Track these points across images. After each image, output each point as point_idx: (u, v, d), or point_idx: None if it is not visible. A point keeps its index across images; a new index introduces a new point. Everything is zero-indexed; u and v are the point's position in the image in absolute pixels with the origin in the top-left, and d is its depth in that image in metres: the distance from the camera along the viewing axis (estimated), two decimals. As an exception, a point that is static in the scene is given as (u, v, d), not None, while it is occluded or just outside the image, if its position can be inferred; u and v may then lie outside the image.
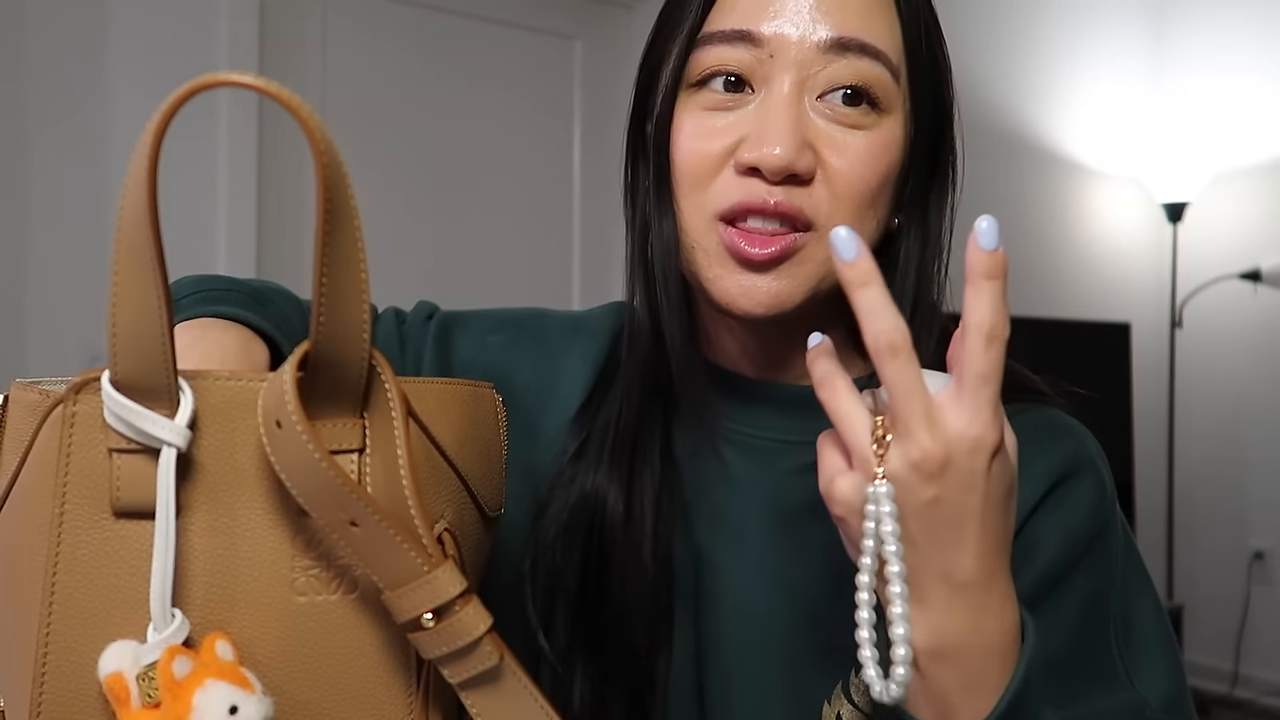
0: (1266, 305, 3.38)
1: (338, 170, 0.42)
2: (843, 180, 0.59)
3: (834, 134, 0.59)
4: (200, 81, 0.41)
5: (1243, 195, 3.46)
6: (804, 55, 0.58)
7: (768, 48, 0.59)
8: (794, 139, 0.57)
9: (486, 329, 0.77)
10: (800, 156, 0.57)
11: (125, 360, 0.42)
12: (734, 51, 0.59)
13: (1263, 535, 3.42)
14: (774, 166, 0.57)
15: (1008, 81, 3.29)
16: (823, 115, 0.59)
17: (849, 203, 0.59)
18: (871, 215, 0.60)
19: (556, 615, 0.66)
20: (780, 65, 0.58)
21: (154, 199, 0.41)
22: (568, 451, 0.68)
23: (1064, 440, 0.64)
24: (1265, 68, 3.39)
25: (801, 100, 0.59)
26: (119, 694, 0.41)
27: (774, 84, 0.59)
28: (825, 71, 0.58)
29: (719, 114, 0.60)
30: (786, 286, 0.59)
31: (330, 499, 0.42)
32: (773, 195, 0.58)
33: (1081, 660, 0.60)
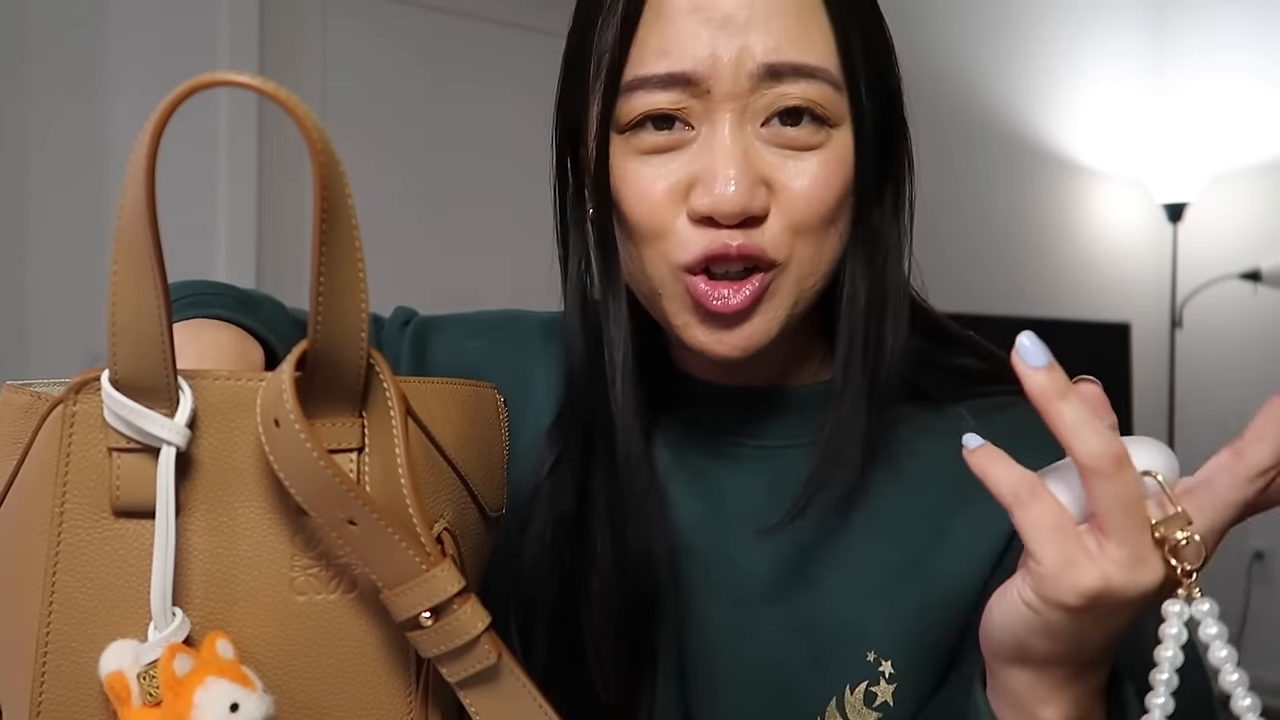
0: (1266, 305, 3.38)
1: (335, 169, 0.42)
2: (798, 211, 0.57)
3: (785, 162, 0.57)
4: (198, 81, 0.41)
5: (1243, 195, 3.45)
6: (739, 86, 0.55)
7: (703, 83, 0.56)
8: (745, 180, 0.55)
9: (464, 333, 0.76)
10: (754, 198, 0.55)
11: (125, 360, 0.42)
12: (666, 95, 0.56)
13: (1263, 535, 3.42)
14: (729, 211, 0.55)
15: (1008, 81, 3.29)
16: (770, 143, 0.57)
17: (808, 230, 0.57)
18: (833, 232, 0.59)
19: (536, 634, 0.65)
20: (717, 100, 0.56)
21: (152, 198, 0.41)
22: (545, 463, 0.67)
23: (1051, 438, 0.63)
24: (1265, 68, 3.39)
25: (744, 132, 0.56)
26: (120, 693, 0.41)
27: (715, 121, 0.56)
28: (765, 98, 0.56)
29: (660, 158, 0.57)
30: (760, 326, 0.58)
31: (329, 498, 0.42)
32: (734, 239, 0.56)
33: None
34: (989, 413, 0.64)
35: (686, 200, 0.57)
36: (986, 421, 0.62)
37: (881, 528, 0.62)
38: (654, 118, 0.57)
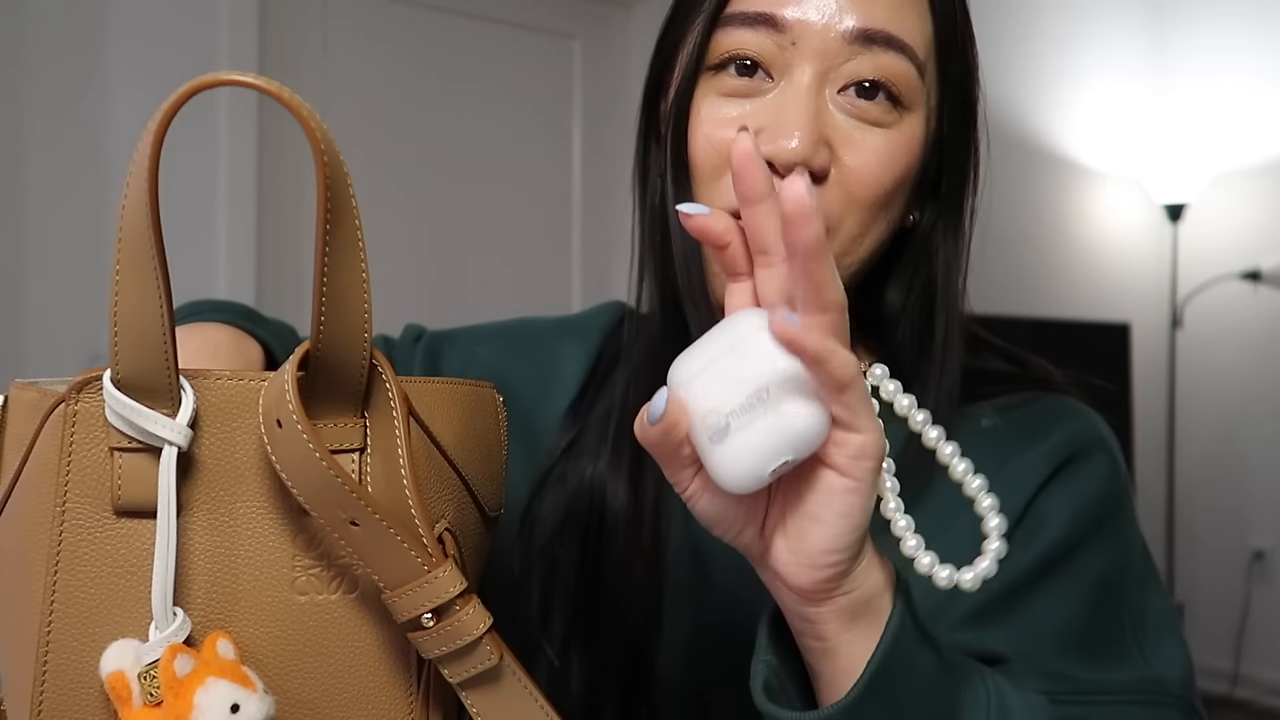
0: (1266, 305, 3.38)
1: (338, 169, 0.42)
2: (857, 181, 0.57)
3: (852, 131, 0.57)
4: (201, 81, 0.41)
5: (1243, 195, 3.46)
6: (827, 45, 0.56)
7: (790, 34, 0.56)
8: (811, 133, 0.55)
9: (474, 341, 0.77)
10: (816, 153, 0.55)
11: (126, 359, 0.42)
12: (755, 36, 0.57)
13: (1263, 535, 3.42)
14: (788, 161, 0.55)
15: (1008, 81, 3.29)
16: (842, 110, 0.57)
17: (862, 205, 0.57)
18: (883, 216, 0.59)
19: (553, 608, 0.66)
20: (802, 54, 0.56)
21: (155, 198, 0.41)
22: (559, 446, 0.68)
23: (1073, 421, 0.63)
24: (1265, 68, 3.39)
25: (822, 93, 0.56)
26: (121, 692, 0.41)
27: (795, 73, 0.56)
28: (849, 64, 0.56)
29: (737, 101, 0.58)
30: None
31: (331, 498, 0.42)
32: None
33: (1095, 635, 0.58)
34: (1010, 408, 0.64)
35: None
36: (1007, 415, 0.63)
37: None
38: (739, 61, 0.57)
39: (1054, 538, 0.59)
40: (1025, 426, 0.63)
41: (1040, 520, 0.60)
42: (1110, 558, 0.61)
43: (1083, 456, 0.61)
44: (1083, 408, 0.65)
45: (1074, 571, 0.59)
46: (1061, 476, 0.61)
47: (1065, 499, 0.60)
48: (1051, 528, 0.59)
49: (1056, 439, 0.62)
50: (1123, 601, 0.60)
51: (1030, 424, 0.63)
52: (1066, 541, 0.59)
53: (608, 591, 0.65)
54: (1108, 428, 0.65)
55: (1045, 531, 0.59)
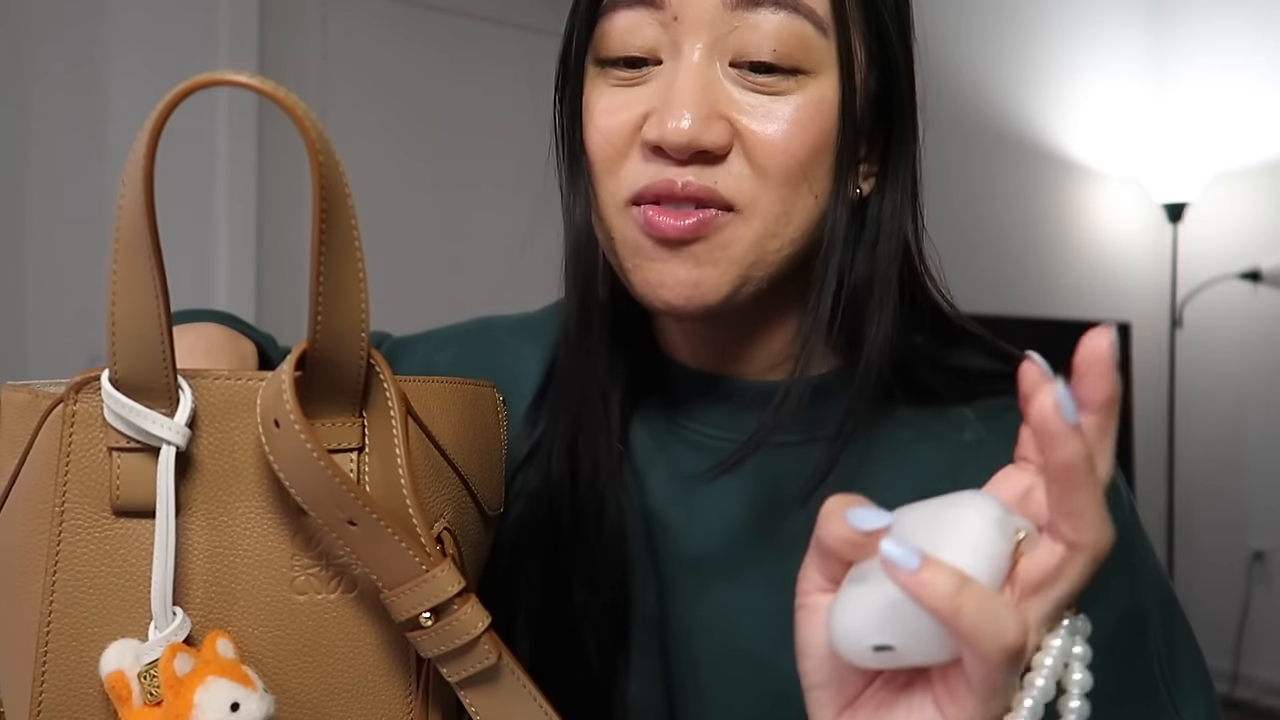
0: (1266, 305, 3.38)
1: (334, 169, 0.42)
2: (764, 153, 0.52)
3: (751, 101, 0.53)
4: (196, 81, 0.41)
5: (1243, 195, 3.45)
6: (709, 14, 0.52)
7: (670, 8, 0.52)
8: (699, 109, 0.51)
9: (432, 347, 0.74)
10: (707, 129, 0.51)
11: (125, 359, 0.42)
12: (636, 18, 0.53)
13: (1263, 535, 3.42)
14: (676, 143, 0.51)
15: (1008, 81, 3.29)
16: (738, 84, 0.53)
17: (775, 179, 0.53)
18: (806, 190, 0.54)
19: (518, 625, 0.63)
20: (686, 28, 0.52)
21: (151, 198, 0.41)
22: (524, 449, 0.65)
23: None
24: (1265, 68, 3.39)
25: (712, 66, 0.52)
26: (121, 692, 0.41)
27: (682, 50, 0.53)
28: (736, 33, 0.52)
29: (626, 89, 0.54)
30: (709, 275, 0.53)
31: (328, 498, 0.42)
32: (681, 176, 0.52)
33: (1122, 688, 0.53)
34: (996, 414, 0.60)
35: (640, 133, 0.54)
36: (993, 422, 0.59)
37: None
38: (627, 59, 0.54)
39: None
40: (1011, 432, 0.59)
41: None
42: (1129, 601, 0.55)
43: None
44: None
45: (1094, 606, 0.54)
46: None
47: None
48: None
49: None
50: (1148, 649, 0.55)
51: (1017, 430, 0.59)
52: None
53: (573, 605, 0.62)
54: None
55: None
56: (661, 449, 0.64)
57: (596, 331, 0.61)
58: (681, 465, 0.63)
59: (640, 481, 0.64)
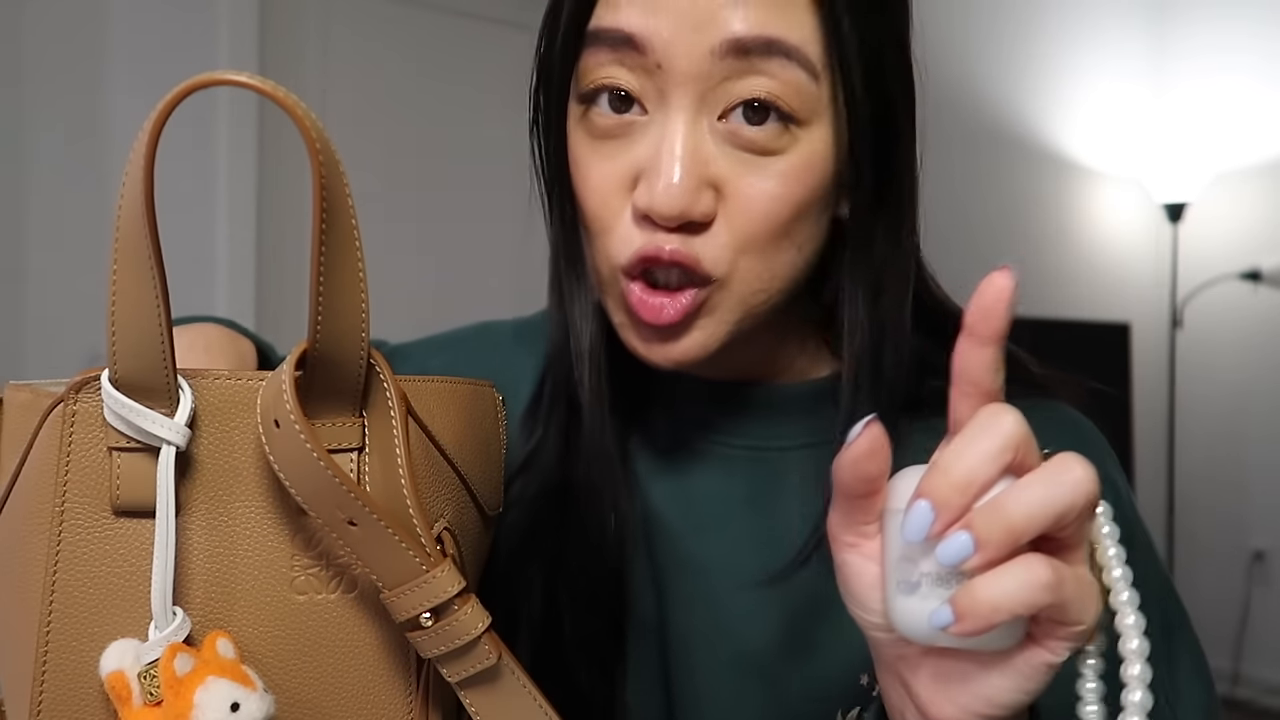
0: (1266, 305, 3.38)
1: (334, 169, 0.42)
2: (748, 223, 0.51)
3: (738, 168, 0.51)
4: (196, 81, 0.41)
5: (1243, 195, 3.46)
6: (697, 65, 0.49)
7: (653, 54, 0.49)
8: (689, 180, 0.49)
9: (427, 354, 0.74)
10: (696, 201, 0.50)
11: (125, 359, 0.42)
12: (619, 58, 0.51)
13: (1263, 535, 3.42)
14: (665, 215, 0.50)
15: (1008, 81, 3.29)
16: (727, 140, 0.50)
17: (755, 246, 0.52)
18: (789, 246, 0.53)
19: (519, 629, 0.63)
20: (671, 78, 0.50)
21: (150, 197, 0.41)
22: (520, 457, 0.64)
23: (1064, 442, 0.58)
24: (1265, 68, 3.39)
25: (700, 123, 0.50)
26: (120, 692, 0.41)
27: (669, 106, 0.50)
28: (726, 84, 0.49)
29: (612, 144, 0.53)
30: (698, 340, 0.53)
31: (328, 498, 0.42)
32: (669, 243, 0.51)
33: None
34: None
35: (632, 193, 0.52)
36: None
37: None
38: (611, 92, 0.52)
39: None
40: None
41: None
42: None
43: None
44: (1077, 420, 0.60)
45: None
46: None
47: None
48: None
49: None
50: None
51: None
52: None
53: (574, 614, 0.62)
54: (1104, 443, 0.59)
55: None
56: (661, 454, 0.64)
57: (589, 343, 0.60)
58: (682, 471, 0.63)
59: (639, 486, 0.64)
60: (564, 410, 0.62)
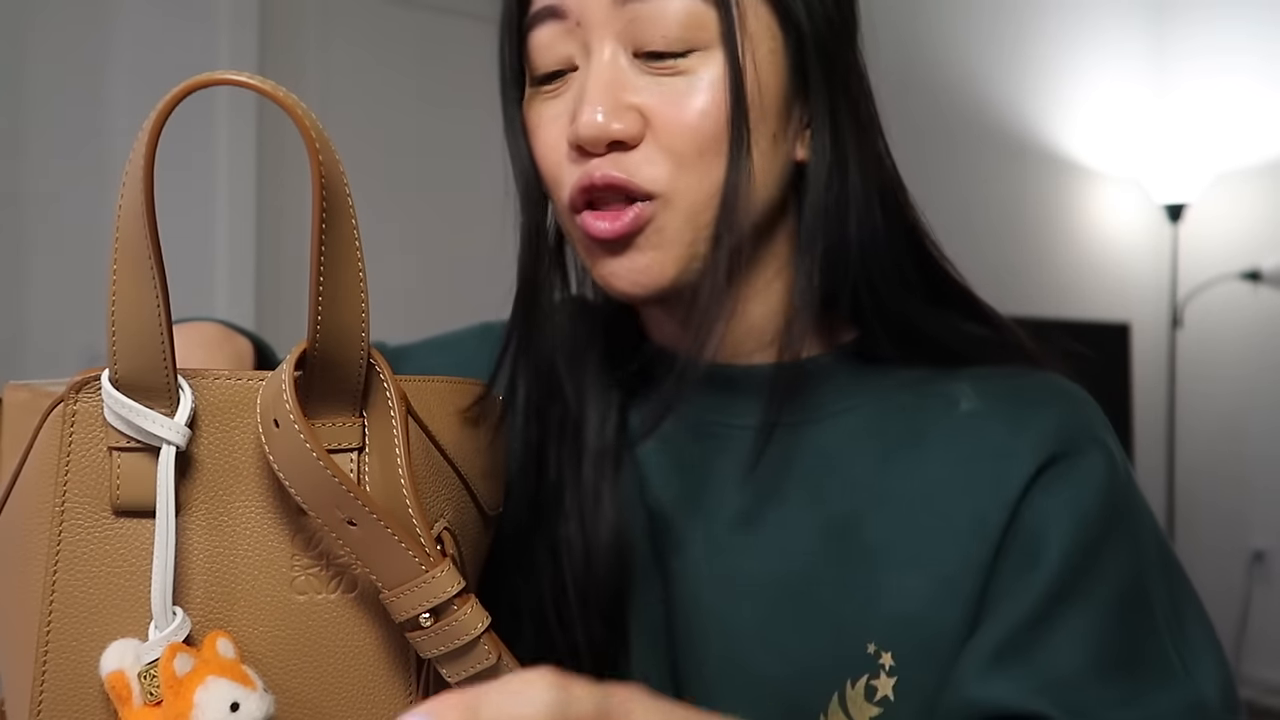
0: (1266, 305, 3.38)
1: (334, 169, 0.42)
2: (670, 133, 0.55)
3: (658, 90, 0.55)
4: (196, 81, 0.41)
5: (1243, 195, 3.45)
6: (602, 14, 0.55)
7: (572, 16, 0.56)
8: (606, 102, 0.54)
9: (431, 353, 0.75)
10: (616, 119, 0.54)
11: (125, 359, 0.42)
12: (550, 32, 0.56)
13: (1263, 535, 3.42)
14: (588, 136, 0.54)
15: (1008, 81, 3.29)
16: (643, 71, 0.55)
17: (686, 157, 0.55)
18: (722, 162, 0.55)
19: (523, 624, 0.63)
20: (589, 31, 0.55)
21: (151, 197, 0.41)
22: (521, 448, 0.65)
23: (1060, 407, 0.58)
24: (1265, 69, 3.39)
25: (618, 60, 0.55)
26: (121, 692, 0.41)
27: (591, 52, 0.56)
28: (633, 24, 0.54)
29: (554, 100, 0.58)
30: (653, 261, 0.56)
31: (328, 498, 0.42)
32: (599, 168, 0.55)
33: (1130, 653, 0.53)
34: (988, 383, 0.60)
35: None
36: (987, 393, 0.59)
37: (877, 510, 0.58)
38: (549, 74, 0.58)
39: (1059, 558, 0.54)
40: (1008, 409, 0.58)
41: (1037, 539, 0.54)
42: (1130, 563, 0.55)
43: (1075, 454, 0.56)
44: (1069, 389, 0.60)
45: (1091, 589, 0.54)
46: (1049, 477, 0.55)
47: (1061, 510, 0.54)
48: (1053, 548, 0.54)
49: (1043, 429, 0.56)
50: (1152, 607, 0.55)
51: (1013, 407, 0.58)
52: (1074, 558, 0.54)
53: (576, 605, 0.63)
54: (1098, 411, 0.60)
55: (1047, 552, 0.54)
56: (658, 438, 0.64)
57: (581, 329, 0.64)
58: (679, 453, 0.64)
59: (639, 471, 0.64)
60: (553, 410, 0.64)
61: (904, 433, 0.60)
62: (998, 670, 0.52)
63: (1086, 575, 0.54)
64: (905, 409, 0.60)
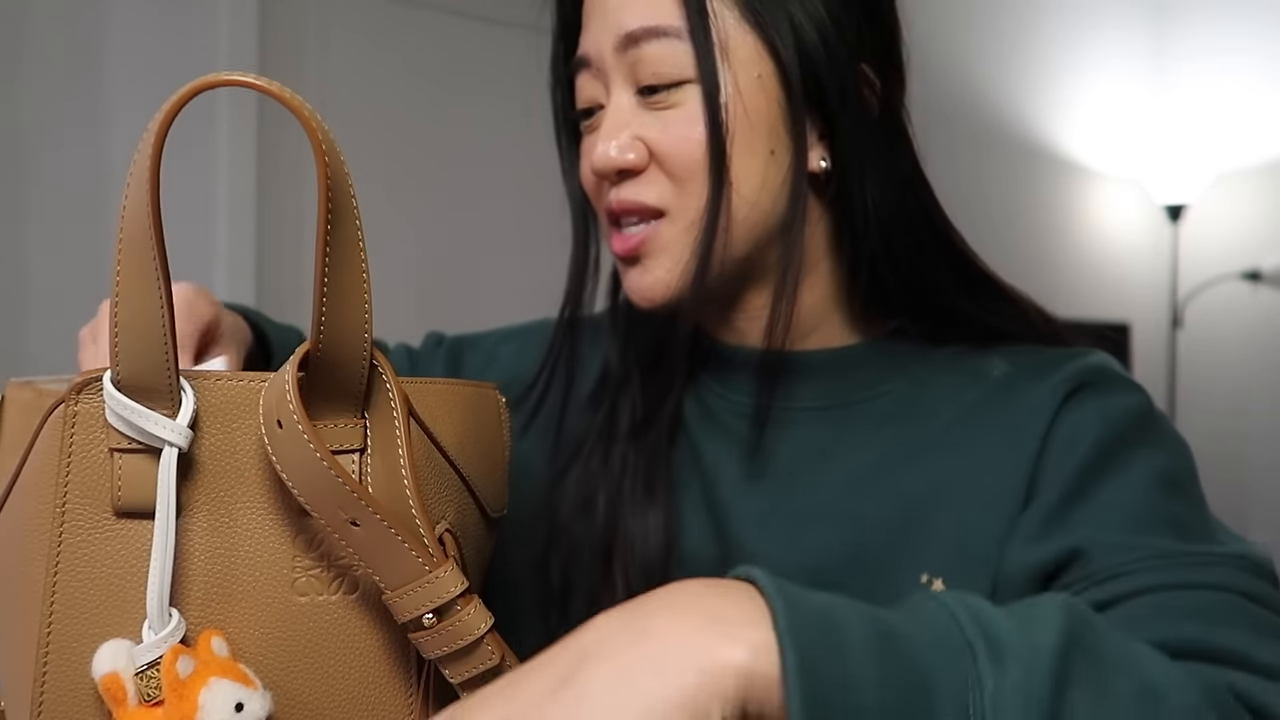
0: (1266, 305, 3.38)
1: (340, 169, 0.42)
2: (668, 161, 0.61)
3: (657, 123, 0.62)
4: (203, 81, 0.41)
5: (1243, 195, 3.45)
6: (611, 63, 0.62)
7: (594, 64, 0.64)
8: (615, 137, 0.62)
9: (495, 342, 0.82)
10: (624, 151, 0.62)
11: (127, 360, 0.42)
12: (583, 80, 0.65)
13: (1263, 534, 3.42)
14: (601, 168, 0.62)
15: (1008, 81, 3.29)
16: (646, 107, 0.62)
17: (685, 178, 0.61)
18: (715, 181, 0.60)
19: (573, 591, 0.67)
20: (605, 77, 0.63)
21: (156, 199, 0.41)
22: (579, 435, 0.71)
23: (1087, 357, 0.63)
24: (1266, 69, 3.39)
25: (623, 99, 0.63)
26: (115, 694, 0.41)
27: (610, 93, 0.63)
28: (633, 67, 0.62)
29: (590, 136, 0.66)
30: (661, 277, 0.63)
31: (332, 499, 0.42)
32: (616, 195, 0.63)
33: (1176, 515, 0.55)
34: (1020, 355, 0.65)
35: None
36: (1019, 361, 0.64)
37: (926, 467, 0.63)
38: (583, 112, 0.66)
39: (1092, 443, 0.57)
40: (1036, 366, 0.63)
41: (1069, 440, 0.58)
42: (1167, 457, 0.58)
43: (1100, 383, 0.60)
44: (1099, 353, 0.64)
45: (1130, 463, 0.57)
46: (1076, 400, 0.59)
47: (1090, 414, 0.59)
48: (1086, 440, 0.58)
49: (1067, 371, 0.61)
50: (1193, 494, 0.58)
51: (1042, 364, 0.63)
52: (1108, 442, 0.57)
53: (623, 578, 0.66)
54: (1126, 371, 0.63)
55: (1079, 445, 0.58)
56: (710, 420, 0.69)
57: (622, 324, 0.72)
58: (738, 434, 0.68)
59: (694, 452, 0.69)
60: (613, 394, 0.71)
61: (943, 401, 0.65)
62: (1042, 539, 0.56)
63: (1122, 454, 0.57)
64: (942, 383, 0.65)
